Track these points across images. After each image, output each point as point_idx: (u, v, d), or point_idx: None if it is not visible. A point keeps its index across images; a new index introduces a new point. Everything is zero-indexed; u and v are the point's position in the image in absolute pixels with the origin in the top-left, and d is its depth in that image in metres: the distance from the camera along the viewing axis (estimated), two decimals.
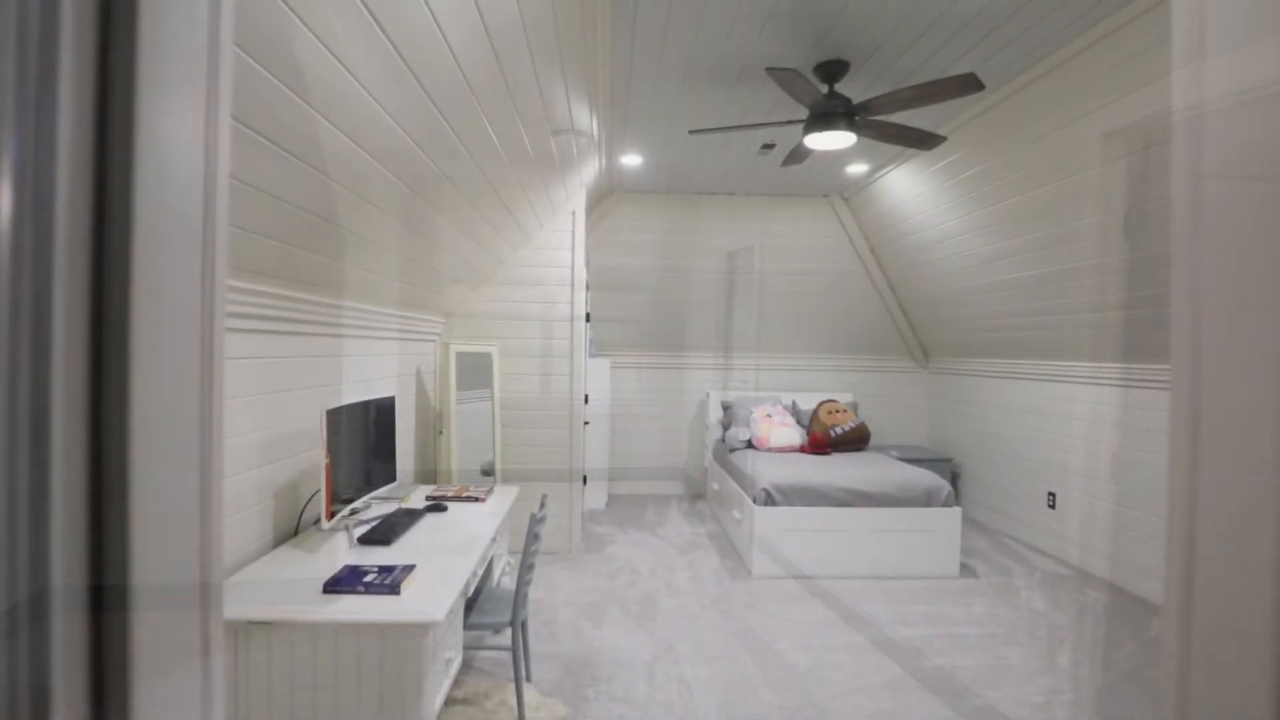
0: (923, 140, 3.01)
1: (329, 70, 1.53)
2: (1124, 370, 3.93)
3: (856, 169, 4.69)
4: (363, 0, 1.43)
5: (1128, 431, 3.92)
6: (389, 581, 1.77)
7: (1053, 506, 4.57)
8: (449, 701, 2.43)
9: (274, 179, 1.70)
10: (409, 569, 1.86)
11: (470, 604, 2.40)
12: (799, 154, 3.32)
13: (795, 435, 5.18)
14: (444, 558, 2.06)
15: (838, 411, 5.36)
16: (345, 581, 1.77)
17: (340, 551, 2.10)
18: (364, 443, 2.44)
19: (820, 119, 2.76)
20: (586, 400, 5.33)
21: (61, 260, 0.47)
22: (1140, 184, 2.99)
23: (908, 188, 4.64)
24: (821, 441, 5.12)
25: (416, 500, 2.79)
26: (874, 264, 5.80)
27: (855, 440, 5.25)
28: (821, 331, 6.19)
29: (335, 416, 2.17)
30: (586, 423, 4.97)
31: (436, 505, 2.64)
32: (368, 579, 1.78)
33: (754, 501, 4.08)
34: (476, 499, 2.77)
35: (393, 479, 2.73)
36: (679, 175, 5.01)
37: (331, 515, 2.10)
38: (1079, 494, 4.31)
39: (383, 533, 2.23)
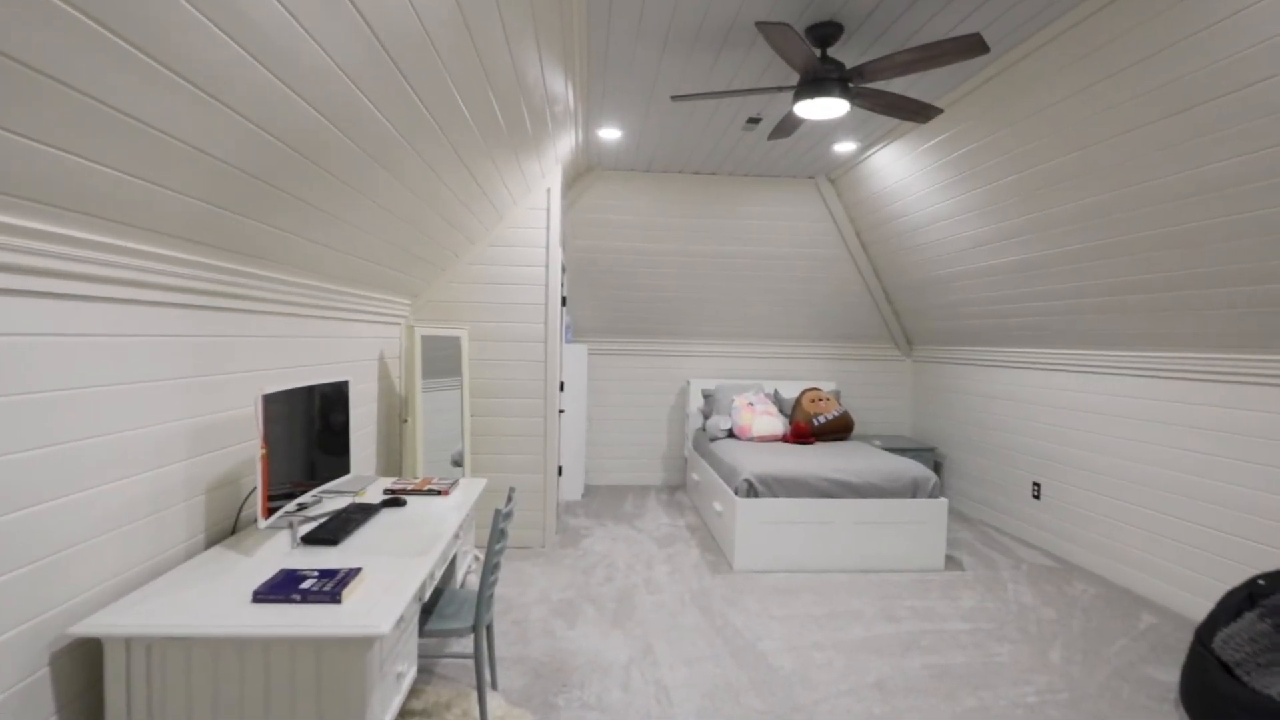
0: (919, 112, 2.84)
1: (262, 9, 1.30)
2: (1111, 357, 3.82)
3: (844, 147, 4.52)
4: None
5: (1115, 420, 3.82)
6: (330, 588, 1.56)
7: (1037, 497, 4.48)
8: (405, 713, 2.23)
9: (196, 129, 1.47)
10: (354, 573, 1.66)
11: (430, 607, 2.20)
12: (788, 125, 3.13)
13: (778, 424, 5.03)
14: (398, 558, 1.86)
15: (821, 400, 5.22)
16: (279, 588, 1.56)
17: (279, 553, 1.88)
18: (311, 431, 2.22)
19: (812, 85, 2.57)
20: (562, 388, 5.12)
21: None
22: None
23: (896, 168, 4.49)
24: (804, 431, 4.98)
25: (373, 494, 2.58)
26: (859, 248, 5.65)
27: (839, 429, 5.12)
28: (804, 318, 6.05)
29: (275, 402, 1.95)
30: (562, 411, 4.77)
31: (394, 499, 2.42)
32: (305, 585, 1.58)
33: (736, 493, 3.92)
34: (439, 492, 2.56)
35: (346, 471, 2.51)
36: (660, 153, 4.80)
37: (269, 512, 1.89)
38: (1064, 485, 4.22)
39: (331, 531, 2.02)
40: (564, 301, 5.07)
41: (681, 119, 4.08)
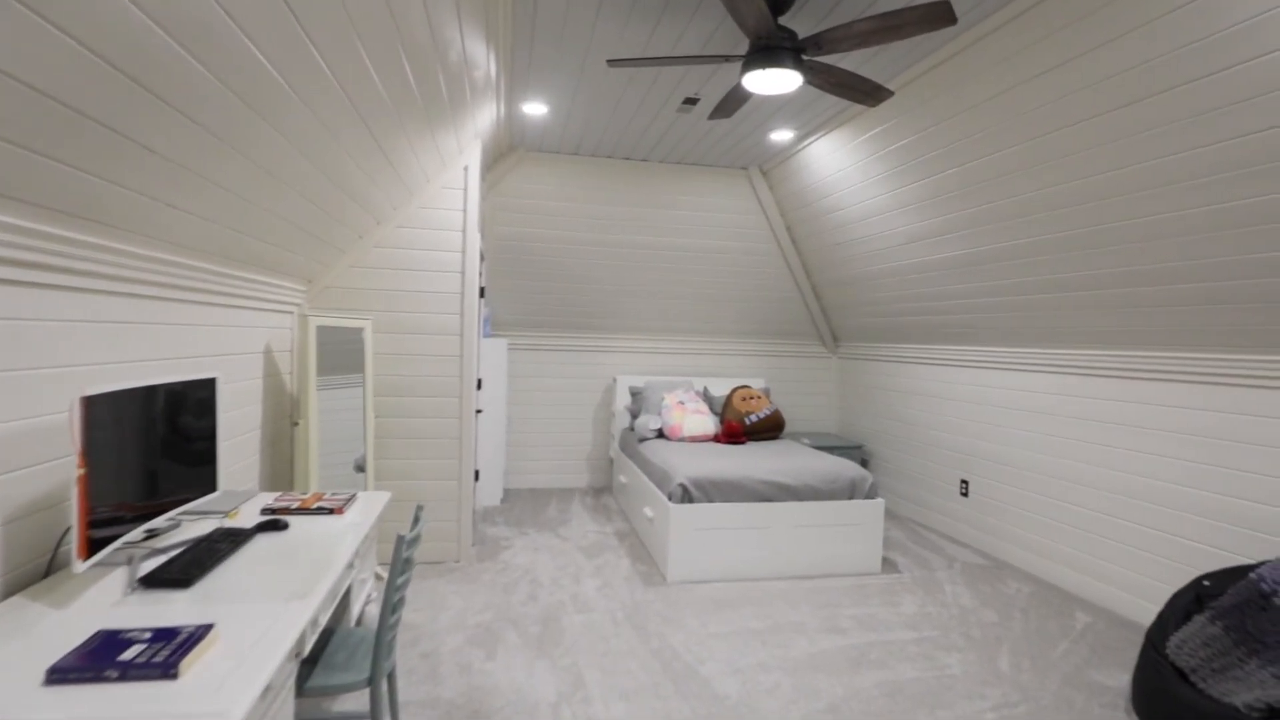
0: (871, 93, 2.66)
1: None
2: (1039, 355, 3.83)
3: (781, 136, 4.35)
4: None
5: (1043, 417, 3.84)
6: (164, 657, 1.16)
7: (966, 494, 4.48)
8: None
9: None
10: (202, 632, 1.26)
11: (315, 657, 1.79)
12: (732, 101, 2.88)
13: (709, 423, 4.82)
14: (269, 603, 1.46)
15: (752, 398, 5.06)
16: (89, 661, 1.14)
17: (104, 604, 1.44)
18: (159, 442, 1.77)
19: (764, 54, 2.33)
20: (480, 385, 4.71)
21: None
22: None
23: (832, 160, 4.36)
24: (736, 430, 4.79)
25: (248, 515, 2.13)
26: (789, 243, 5.53)
27: (770, 428, 4.97)
28: (734, 313, 5.88)
29: (102, 406, 1.50)
30: (479, 411, 4.36)
31: (274, 522, 1.99)
32: (129, 655, 1.17)
33: (669, 498, 3.66)
34: (331, 510, 2.14)
35: (212, 488, 2.05)
36: (589, 135, 4.47)
37: (90, 550, 1.44)
38: (993, 482, 4.23)
39: (182, 568, 1.59)
40: (482, 292, 4.67)
41: (613, 98, 3.77)
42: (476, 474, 4.74)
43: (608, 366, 5.81)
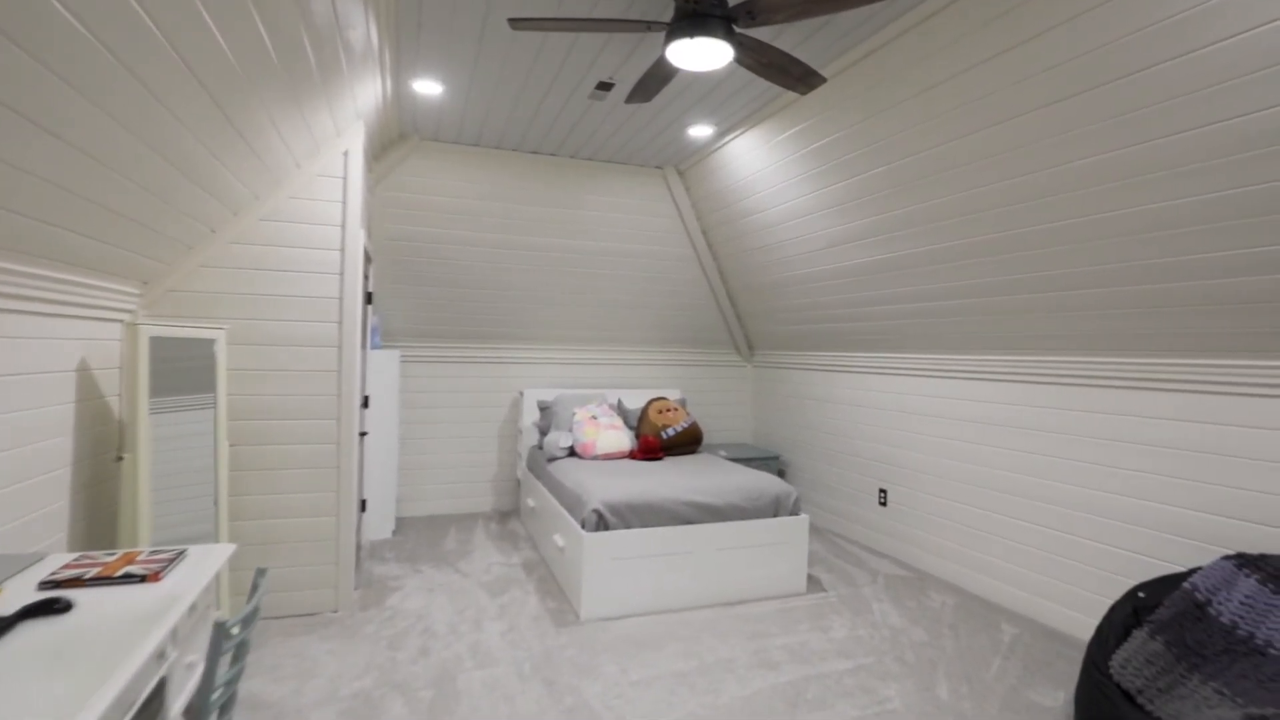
0: (803, 78, 2.45)
1: None
2: (958, 361, 3.79)
3: (700, 132, 4.12)
4: None
5: (961, 425, 3.79)
6: None
7: (884, 504, 4.40)
8: None
9: None
10: None
11: None
12: (653, 80, 2.59)
13: (624, 439, 4.51)
14: None
15: (669, 410, 4.79)
16: None
17: None
18: None
19: (691, 21, 2.05)
20: (366, 403, 4.18)
21: None
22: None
23: (751, 159, 4.18)
24: (653, 445, 4.51)
25: (17, 592, 1.59)
26: (705, 248, 5.34)
27: (688, 442, 4.72)
28: (648, 321, 5.62)
29: None
30: (364, 433, 3.84)
31: (48, 603, 1.48)
32: None
33: (583, 525, 3.30)
34: (142, 577, 1.64)
35: None
36: (491, 123, 4.07)
37: None
38: (912, 491, 4.16)
39: None
40: (370, 298, 4.15)
41: (518, 79, 3.40)
42: (364, 504, 4.19)
43: (514, 379, 5.38)
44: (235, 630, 1.27)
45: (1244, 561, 2.30)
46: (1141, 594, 2.40)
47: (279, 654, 2.76)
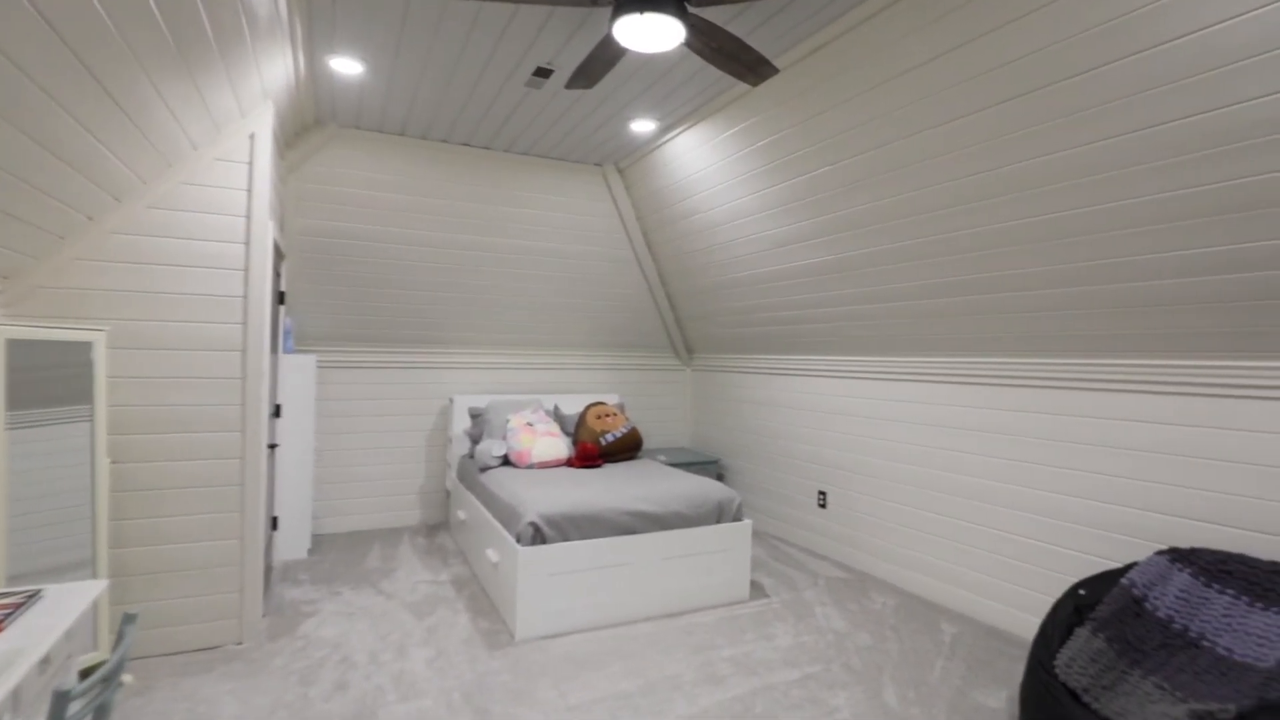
0: (754, 67, 2.35)
1: None
2: (897, 363, 3.81)
3: (643, 127, 3.99)
4: None
5: (898, 426, 3.81)
6: None
7: (824, 506, 4.38)
8: None
9: None
10: None
11: None
12: (596, 62, 2.43)
13: (562, 446, 4.32)
14: None
15: (608, 415, 4.64)
16: None
17: None
18: None
19: None
20: (278, 413, 3.84)
21: None
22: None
23: (694, 157, 4.09)
24: (592, 452, 4.34)
25: None
26: (644, 249, 5.21)
27: (628, 448, 4.58)
28: (585, 324, 5.44)
29: None
30: (274, 445, 3.50)
31: None
32: None
33: (518, 540, 3.10)
34: None
35: None
36: (418, 110, 3.81)
37: None
38: (851, 492, 4.15)
39: None
40: (282, 298, 3.82)
41: (448, 60, 3.17)
42: (275, 522, 3.84)
43: (443, 385, 5.10)
44: (80, 697, 1.03)
45: (1177, 556, 2.35)
46: (1082, 591, 2.41)
47: (169, 699, 2.43)
